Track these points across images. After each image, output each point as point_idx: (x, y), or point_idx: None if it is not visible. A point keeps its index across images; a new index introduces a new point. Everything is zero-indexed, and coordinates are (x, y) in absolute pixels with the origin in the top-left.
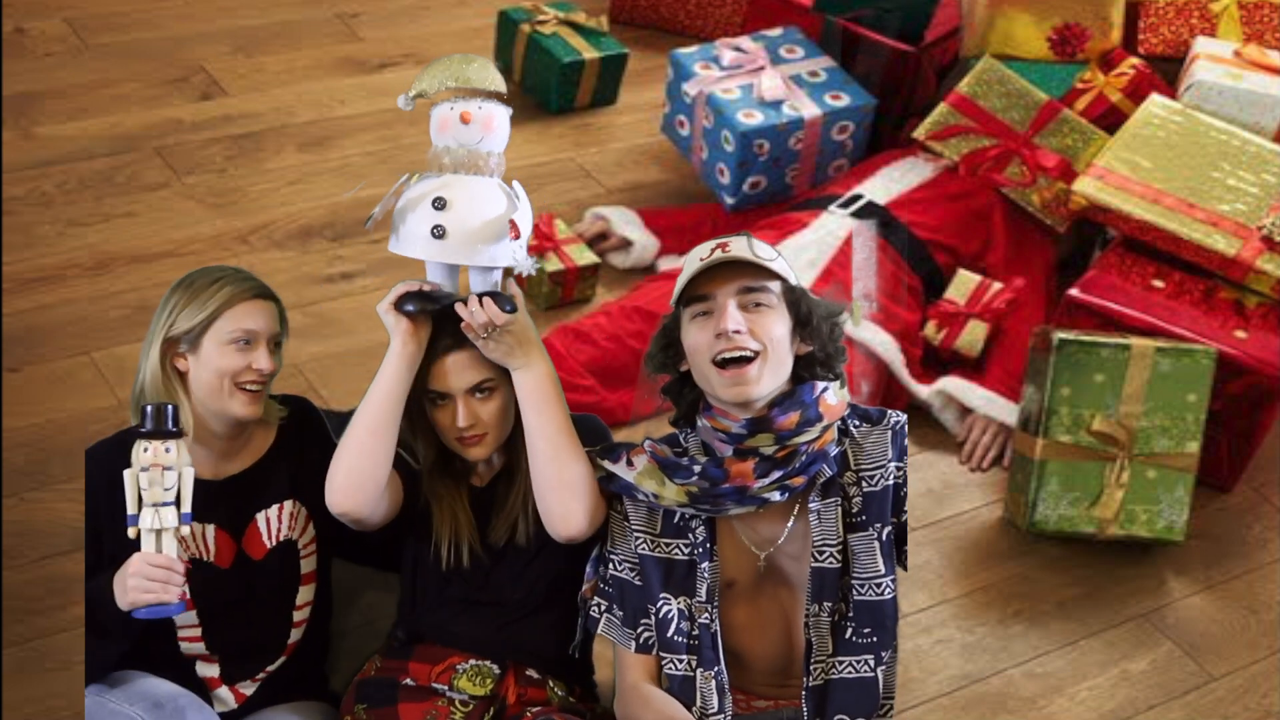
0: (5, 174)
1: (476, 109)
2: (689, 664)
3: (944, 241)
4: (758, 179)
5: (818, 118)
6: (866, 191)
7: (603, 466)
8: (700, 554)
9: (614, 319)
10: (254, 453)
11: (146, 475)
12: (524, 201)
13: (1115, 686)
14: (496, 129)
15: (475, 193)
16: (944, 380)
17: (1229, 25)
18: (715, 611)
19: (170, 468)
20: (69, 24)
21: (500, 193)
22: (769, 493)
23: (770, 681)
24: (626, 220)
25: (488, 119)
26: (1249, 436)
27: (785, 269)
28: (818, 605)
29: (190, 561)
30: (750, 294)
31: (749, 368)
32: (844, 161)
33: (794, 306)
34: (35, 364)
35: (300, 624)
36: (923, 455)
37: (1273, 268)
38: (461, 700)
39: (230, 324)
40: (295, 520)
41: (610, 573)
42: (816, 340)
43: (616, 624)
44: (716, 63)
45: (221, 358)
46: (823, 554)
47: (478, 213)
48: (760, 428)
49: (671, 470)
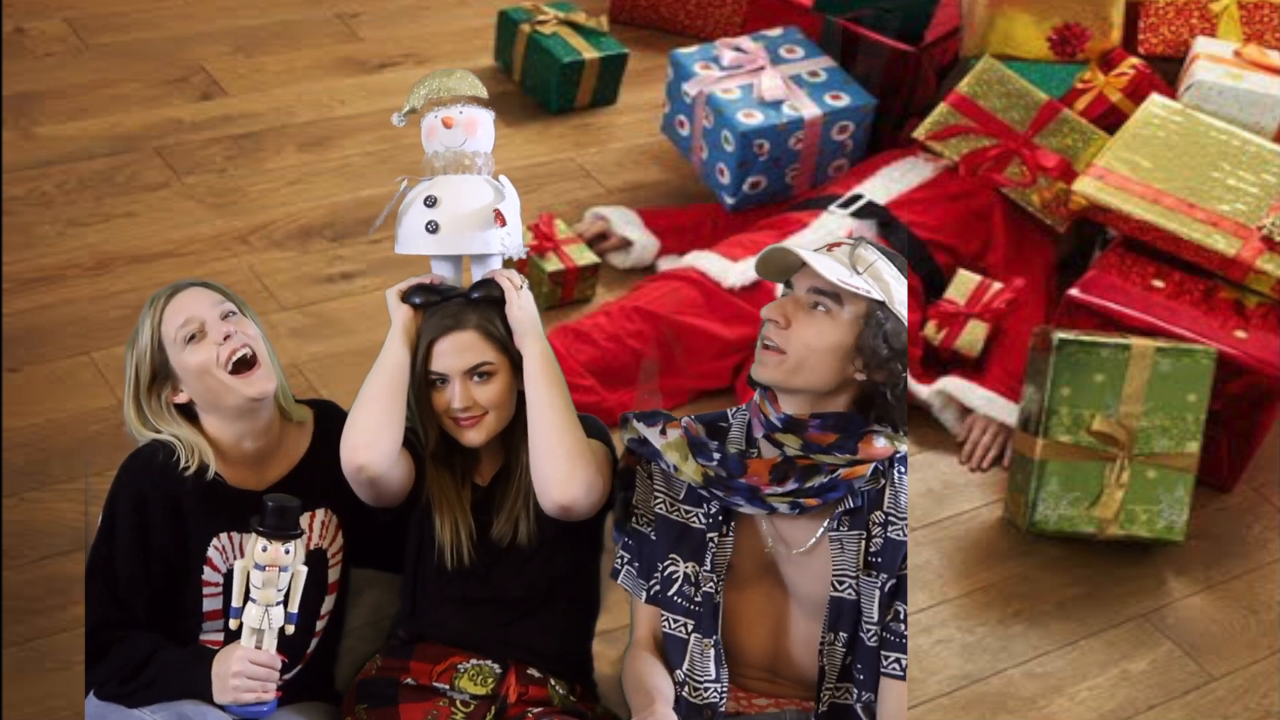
0: (5, 174)
1: (458, 114)
2: (685, 627)
3: (944, 241)
4: (758, 179)
5: (818, 118)
6: (866, 191)
7: (636, 428)
8: (711, 524)
9: (614, 319)
10: (293, 456)
11: (261, 575)
12: (509, 191)
13: (1115, 686)
14: (479, 131)
15: (462, 189)
16: (944, 380)
17: (1229, 25)
18: (720, 584)
19: (285, 568)
20: (69, 24)
21: (487, 186)
22: (779, 502)
23: (759, 676)
24: (626, 220)
25: (470, 122)
26: (1249, 436)
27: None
28: (833, 634)
29: (226, 574)
30: (819, 295)
31: (772, 355)
32: (844, 161)
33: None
34: (35, 364)
35: (319, 633)
36: (923, 455)
37: (1273, 268)
38: (463, 700)
39: (169, 331)
40: (326, 529)
41: (632, 525)
42: (879, 374)
43: (634, 574)
44: (716, 63)
45: (188, 360)
46: (842, 584)
47: (465, 205)
48: (793, 428)
49: (696, 449)
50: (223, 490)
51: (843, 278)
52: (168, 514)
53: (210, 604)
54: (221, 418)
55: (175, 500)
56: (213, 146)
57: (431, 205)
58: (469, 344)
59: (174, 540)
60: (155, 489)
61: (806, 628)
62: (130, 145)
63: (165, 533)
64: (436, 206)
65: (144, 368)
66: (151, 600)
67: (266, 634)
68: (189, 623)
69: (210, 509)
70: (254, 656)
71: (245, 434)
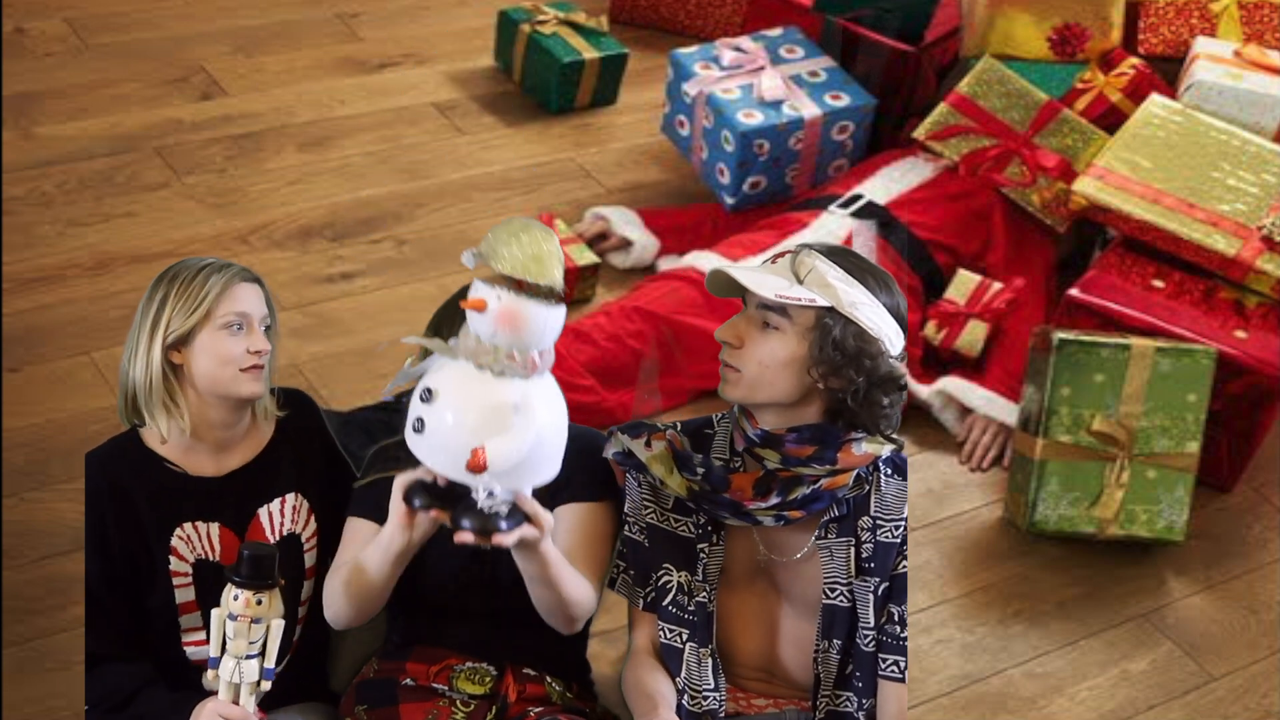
0: (5, 174)
1: (495, 299)
2: (680, 636)
3: (944, 241)
4: (758, 179)
5: (818, 118)
6: (866, 191)
7: (621, 441)
8: (701, 535)
9: (614, 319)
10: (254, 446)
11: (233, 625)
12: (529, 419)
13: (1115, 686)
14: (522, 329)
15: (467, 391)
16: (944, 380)
17: (1229, 25)
18: (713, 593)
19: (259, 620)
20: (69, 24)
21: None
22: (764, 516)
23: (756, 677)
24: (626, 220)
25: (509, 314)
26: (1249, 436)
27: (835, 296)
28: (827, 641)
29: (195, 563)
30: (767, 311)
31: (730, 373)
32: (844, 161)
33: (818, 338)
34: (35, 364)
35: (303, 620)
36: (923, 455)
37: (1273, 268)
38: (462, 700)
39: (223, 310)
40: (298, 514)
41: (625, 534)
42: (835, 381)
43: (629, 583)
44: (716, 63)
45: (220, 344)
46: (834, 591)
47: (458, 415)
48: (771, 443)
49: (681, 463)
50: (180, 480)
51: (782, 291)
52: (124, 507)
53: (182, 595)
54: (202, 397)
55: (129, 493)
56: (213, 146)
57: (426, 400)
58: None
59: (135, 534)
60: (106, 485)
61: (801, 630)
62: (130, 145)
63: (121, 529)
64: (431, 402)
65: (177, 326)
66: (124, 602)
67: (241, 688)
68: (165, 619)
69: (169, 500)
70: (225, 711)
71: (219, 422)
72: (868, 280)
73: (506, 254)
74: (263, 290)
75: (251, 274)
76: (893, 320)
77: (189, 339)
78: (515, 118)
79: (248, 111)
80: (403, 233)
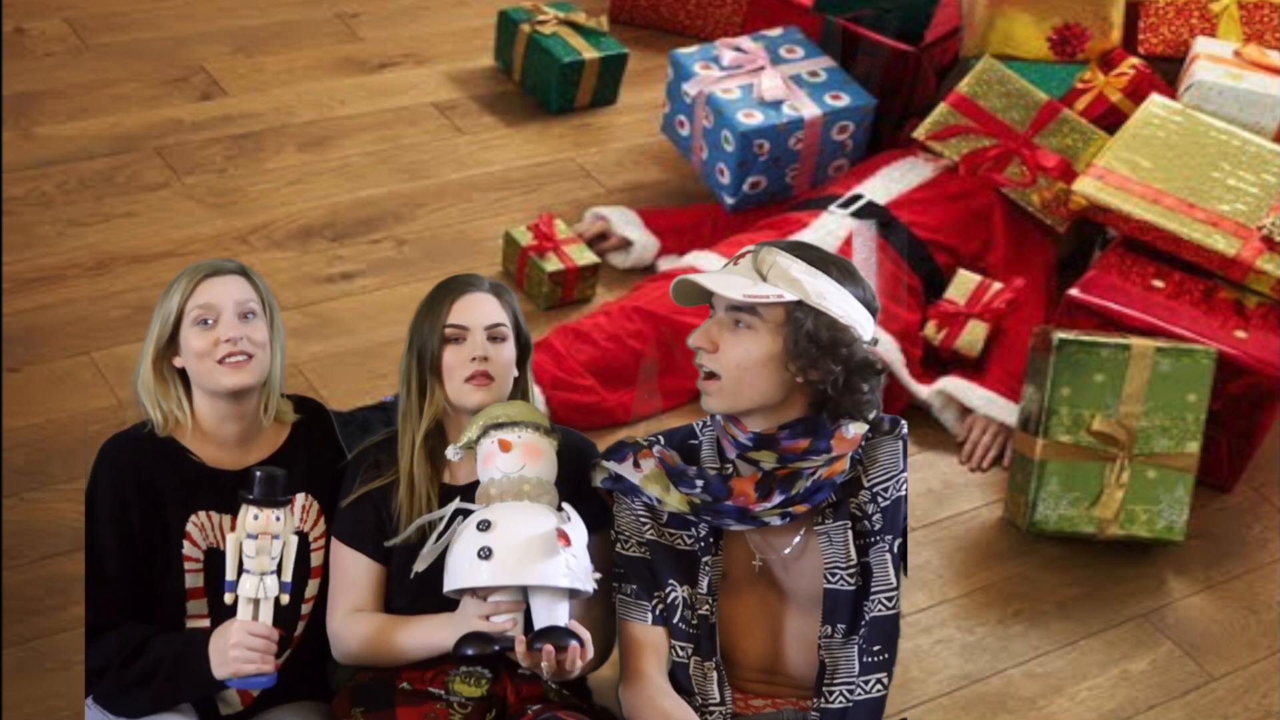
0: (5, 174)
1: (515, 438)
2: (688, 651)
3: (944, 241)
4: (758, 179)
5: (818, 118)
6: (866, 191)
7: (606, 468)
8: (703, 548)
9: (614, 319)
10: (271, 444)
11: (254, 543)
12: (575, 517)
13: (1115, 686)
14: (541, 459)
15: (520, 515)
16: (944, 380)
17: (1229, 25)
18: (714, 605)
19: (277, 536)
20: (69, 24)
21: (549, 513)
22: (770, 516)
23: (758, 679)
24: (626, 220)
25: (530, 447)
26: (1249, 436)
27: (801, 289)
28: (830, 627)
29: (206, 551)
30: (737, 312)
31: (712, 384)
32: (844, 161)
33: (790, 332)
34: (35, 364)
35: (305, 617)
36: (923, 455)
37: (1273, 268)
38: (459, 702)
39: (190, 306)
40: (308, 514)
41: (619, 552)
42: (814, 374)
43: (629, 600)
44: (716, 63)
45: (190, 340)
46: (834, 576)
47: (524, 531)
48: (765, 444)
49: (676, 479)
50: (200, 469)
51: (749, 290)
52: (144, 494)
53: (192, 580)
54: (206, 396)
55: (151, 480)
56: (213, 146)
57: (485, 529)
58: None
59: (153, 520)
60: (131, 470)
61: (804, 625)
62: (130, 145)
63: (143, 512)
64: (491, 530)
65: (165, 326)
66: (137, 583)
67: (263, 604)
68: (173, 603)
69: (187, 487)
70: (251, 628)
71: (227, 416)
72: (831, 270)
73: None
74: (248, 280)
75: (232, 265)
76: (861, 307)
77: (174, 341)
78: (515, 118)
79: (248, 111)
80: (403, 233)
